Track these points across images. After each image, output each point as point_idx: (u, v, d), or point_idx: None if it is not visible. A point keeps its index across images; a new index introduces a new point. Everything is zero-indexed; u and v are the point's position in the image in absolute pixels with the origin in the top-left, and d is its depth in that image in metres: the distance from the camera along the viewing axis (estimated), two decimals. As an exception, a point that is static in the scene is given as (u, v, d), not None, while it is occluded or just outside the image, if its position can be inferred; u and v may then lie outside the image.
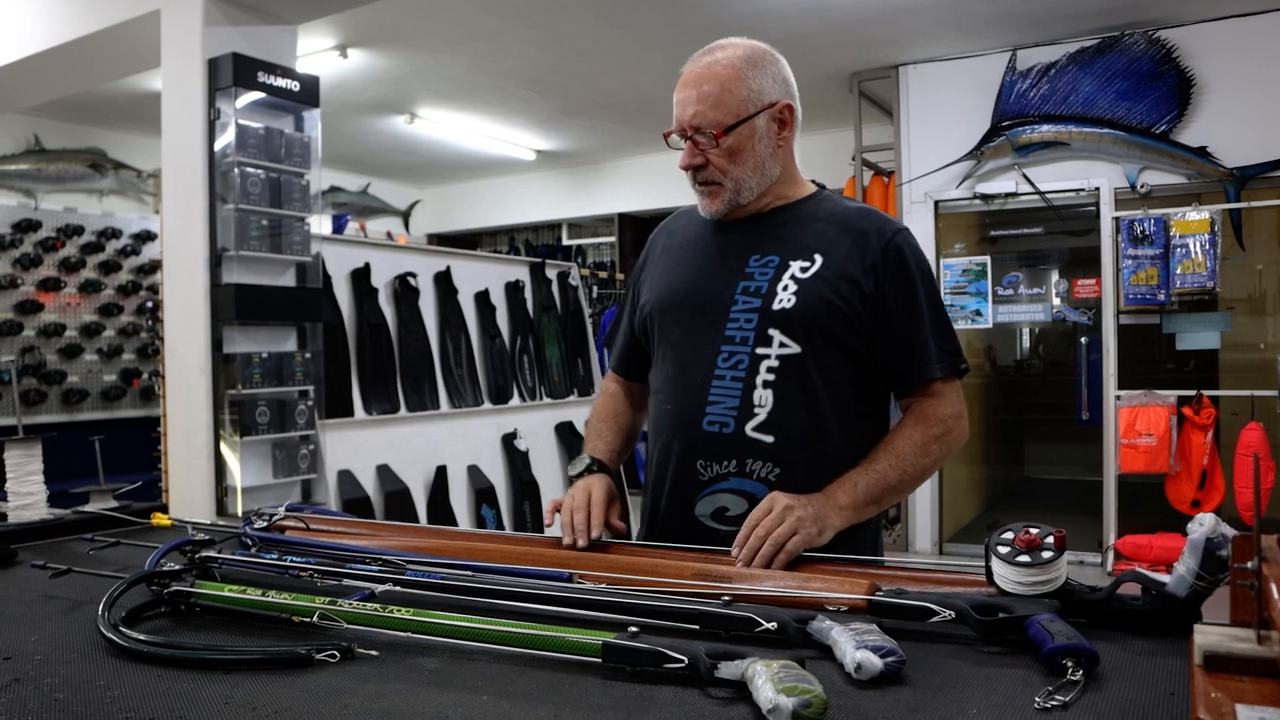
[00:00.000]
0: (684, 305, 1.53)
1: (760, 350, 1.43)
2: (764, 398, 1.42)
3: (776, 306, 1.44)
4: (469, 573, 1.17)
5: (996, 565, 1.00)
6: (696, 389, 1.46)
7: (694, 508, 1.45)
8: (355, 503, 3.78)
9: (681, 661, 0.87)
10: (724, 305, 1.47)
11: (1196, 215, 4.79)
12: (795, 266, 1.46)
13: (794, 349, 1.42)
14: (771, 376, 1.42)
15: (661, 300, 1.56)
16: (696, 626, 0.99)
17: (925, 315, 1.46)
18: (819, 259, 1.46)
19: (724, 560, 1.19)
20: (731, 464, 1.43)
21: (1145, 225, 4.88)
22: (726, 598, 1.02)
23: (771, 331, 1.43)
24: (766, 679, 0.79)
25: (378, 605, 1.07)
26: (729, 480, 1.43)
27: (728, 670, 0.86)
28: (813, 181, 1.60)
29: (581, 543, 1.36)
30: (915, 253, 1.48)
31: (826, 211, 1.52)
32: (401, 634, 1.01)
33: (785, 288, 1.44)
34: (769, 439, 1.41)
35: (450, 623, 1.00)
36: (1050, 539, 0.99)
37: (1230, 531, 0.90)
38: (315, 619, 1.06)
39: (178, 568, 1.22)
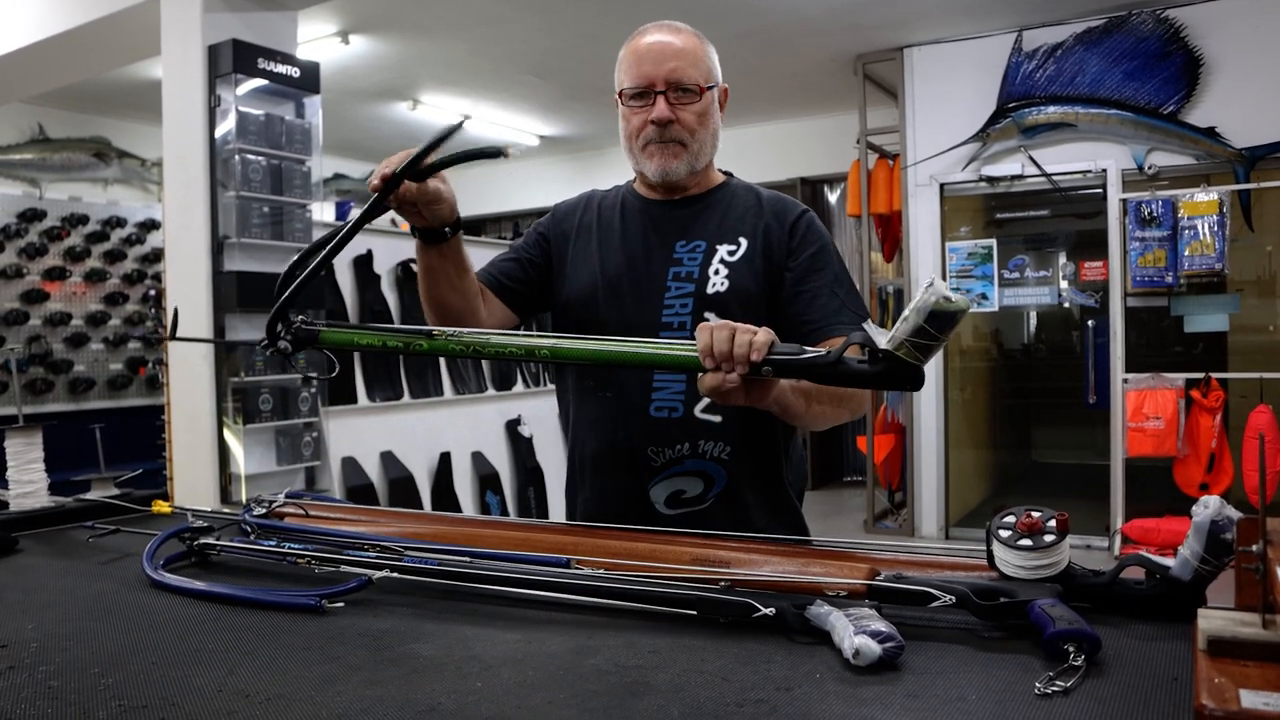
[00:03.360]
0: (615, 291, 1.51)
1: None
2: None
3: (710, 290, 1.47)
4: (466, 558, 1.16)
5: (998, 549, 0.99)
6: (638, 377, 1.46)
7: (648, 493, 1.47)
8: (359, 489, 3.79)
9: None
10: (657, 291, 1.49)
11: (1205, 196, 4.75)
12: (723, 250, 1.50)
13: None
14: None
15: (590, 286, 1.53)
16: (694, 612, 0.99)
17: (834, 277, 1.50)
18: (743, 242, 1.50)
19: (723, 546, 1.18)
20: (685, 446, 1.46)
21: (1153, 207, 4.85)
22: (724, 583, 1.01)
23: (708, 315, 1.45)
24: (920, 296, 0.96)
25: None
26: (684, 463, 1.46)
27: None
28: (721, 171, 1.62)
29: (385, 172, 1.25)
30: (823, 230, 1.55)
31: (742, 196, 1.57)
32: (398, 622, 1.01)
33: (716, 271, 1.48)
34: (717, 419, 1.45)
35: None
36: (1052, 522, 0.98)
37: (1235, 514, 0.89)
38: (446, 339, 1.26)
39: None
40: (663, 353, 1.22)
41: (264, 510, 1.46)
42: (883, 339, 1.04)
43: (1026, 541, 0.98)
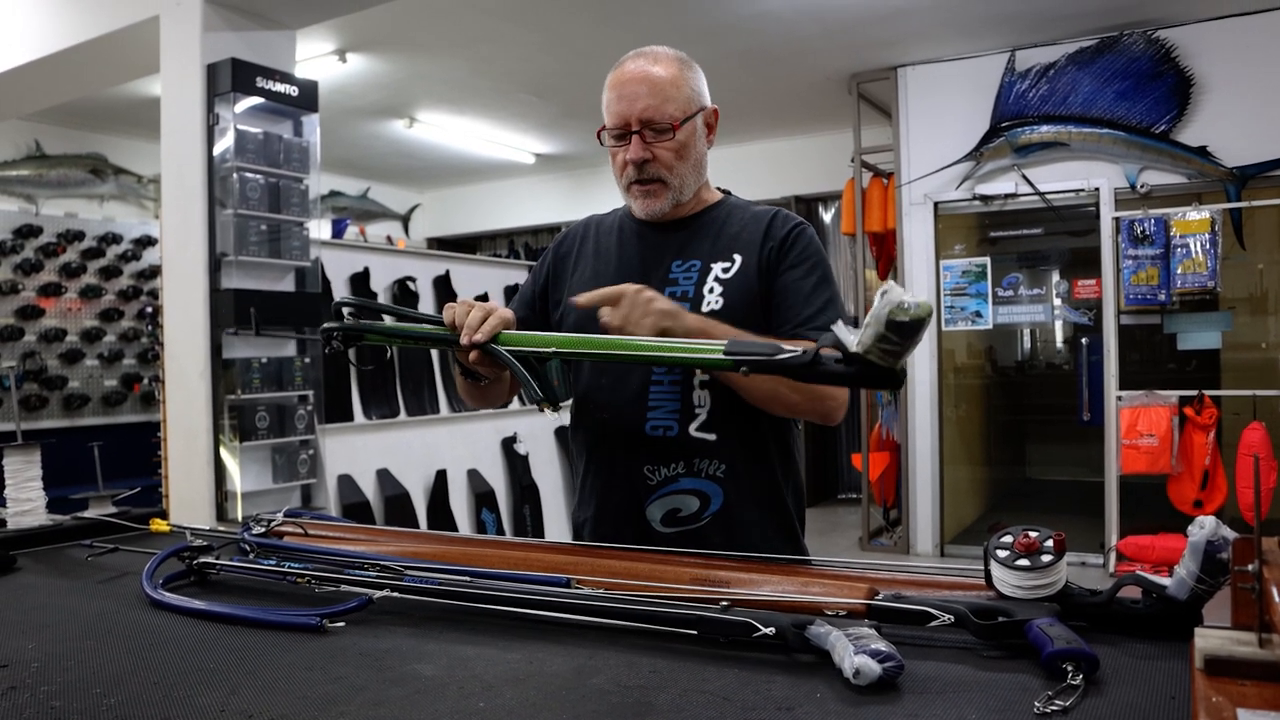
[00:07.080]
0: None
1: None
2: (702, 398, 1.46)
3: (706, 309, 1.47)
4: (467, 578, 1.16)
5: (995, 569, 1.00)
6: (634, 396, 1.48)
7: (645, 512, 1.47)
8: (355, 507, 3.78)
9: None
10: None
11: (1197, 215, 4.78)
12: (717, 268, 1.50)
13: None
14: (707, 377, 1.45)
15: (588, 309, 1.50)
16: (695, 632, 0.99)
17: (819, 286, 1.48)
18: (738, 259, 1.51)
19: (723, 566, 1.19)
20: (680, 465, 1.46)
21: (1145, 225, 4.88)
22: (724, 603, 1.02)
23: None
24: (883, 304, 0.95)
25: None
26: (680, 481, 1.46)
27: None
28: (719, 189, 1.63)
29: (480, 338, 1.34)
30: (815, 241, 1.54)
31: (738, 214, 1.57)
32: (399, 642, 1.01)
33: (711, 290, 1.48)
34: (712, 437, 1.46)
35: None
36: (1049, 542, 0.98)
37: (1231, 534, 0.89)
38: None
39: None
40: (690, 354, 1.26)
41: (263, 529, 1.46)
42: (853, 339, 1.06)
43: (1024, 561, 0.98)
